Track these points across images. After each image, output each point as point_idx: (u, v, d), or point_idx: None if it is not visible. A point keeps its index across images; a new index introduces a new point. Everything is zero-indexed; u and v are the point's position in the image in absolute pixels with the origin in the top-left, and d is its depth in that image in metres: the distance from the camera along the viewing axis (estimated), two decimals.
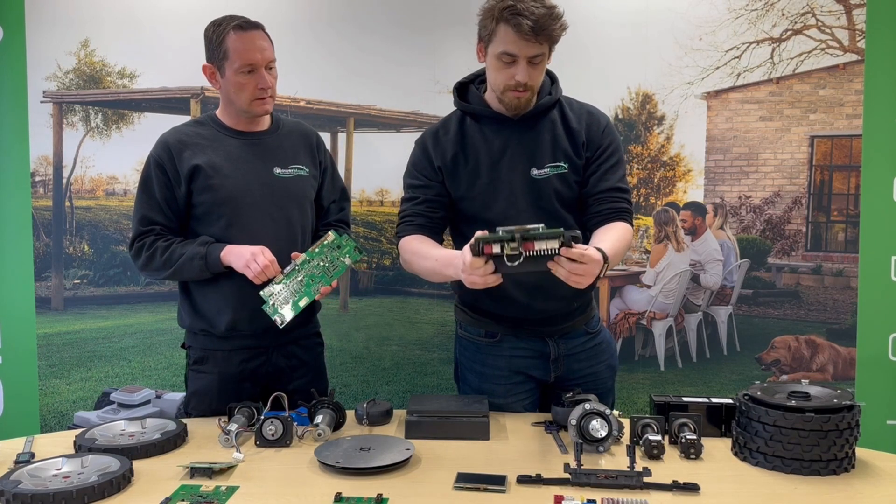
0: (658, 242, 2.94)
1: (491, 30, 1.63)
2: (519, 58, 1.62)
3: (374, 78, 2.90)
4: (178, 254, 1.79)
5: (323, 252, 1.79)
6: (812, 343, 2.90)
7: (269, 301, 1.75)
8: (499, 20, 1.61)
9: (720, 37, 2.82)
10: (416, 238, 1.76)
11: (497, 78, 1.68)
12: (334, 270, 1.79)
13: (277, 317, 1.75)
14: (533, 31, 1.58)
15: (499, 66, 1.66)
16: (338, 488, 1.33)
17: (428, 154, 1.79)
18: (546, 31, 1.60)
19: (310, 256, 1.78)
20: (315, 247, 1.79)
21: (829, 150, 2.85)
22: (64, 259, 2.98)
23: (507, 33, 1.60)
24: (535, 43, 1.60)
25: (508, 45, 1.61)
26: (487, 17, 1.64)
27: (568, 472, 1.37)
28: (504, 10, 1.59)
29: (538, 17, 1.58)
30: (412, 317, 3.00)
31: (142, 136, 2.87)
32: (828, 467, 1.38)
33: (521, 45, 1.61)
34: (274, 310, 1.75)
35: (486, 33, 1.66)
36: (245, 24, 1.79)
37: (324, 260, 1.79)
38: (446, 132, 1.79)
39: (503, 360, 1.84)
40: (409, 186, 1.82)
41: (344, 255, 1.80)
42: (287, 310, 1.75)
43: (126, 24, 2.90)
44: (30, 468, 1.37)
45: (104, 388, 2.97)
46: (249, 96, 1.80)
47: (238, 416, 1.65)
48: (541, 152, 1.74)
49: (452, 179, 1.77)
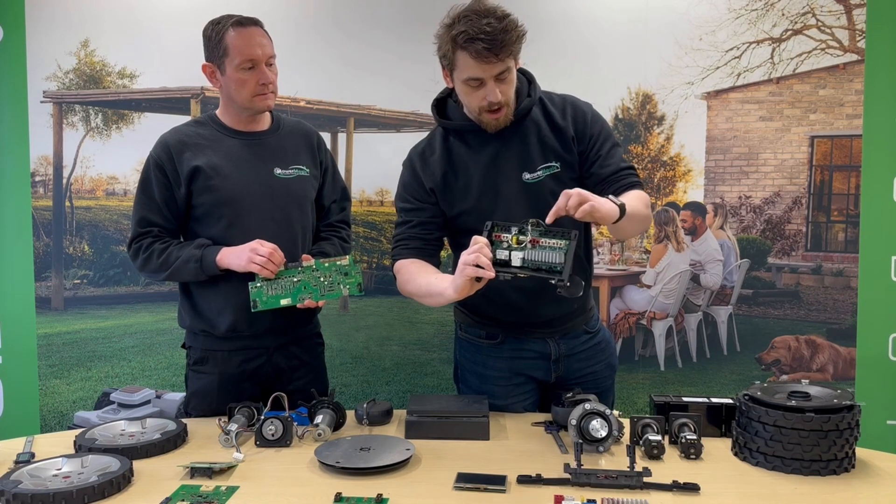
0: (658, 242, 2.94)
1: (451, 58, 1.59)
2: (485, 79, 1.58)
3: (374, 78, 2.89)
4: (175, 256, 1.79)
5: (330, 269, 1.79)
6: (812, 343, 2.90)
7: (258, 282, 1.75)
8: (455, 47, 1.56)
9: (720, 37, 2.82)
10: (412, 262, 1.74)
11: (470, 102, 1.65)
12: (329, 291, 1.78)
13: (256, 299, 1.75)
14: (491, 52, 1.54)
15: (468, 90, 1.62)
16: (338, 488, 1.33)
17: (417, 176, 1.77)
18: (504, 46, 1.55)
19: (317, 266, 1.78)
20: (327, 260, 1.79)
21: (829, 150, 2.85)
22: (64, 259, 2.98)
23: (466, 59, 1.56)
24: (496, 62, 1.56)
25: (471, 70, 1.57)
26: (444, 45, 1.60)
27: (568, 472, 1.37)
28: (458, 37, 1.54)
29: (493, 36, 1.52)
30: (412, 317, 3.00)
31: (142, 136, 2.87)
32: (828, 467, 1.38)
33: (483, 67, 1.56)
34: (258, 291, 1.75)
35: (446, 62, 1.62)
36: (244, 20, 1.79)
37: (326, 277, 1.78)
38: (432, 151, 1.77)
39: (504, 362, 1.84)
40: (402, 210, 1.80)
41: (346, 283, 1.79)
42: (268, 299, 1.75)
43: (126, 24, 2.90)
44: (30, 468, 1.38)
45: (104, 388, 2.97)
46: (251, 92, 1.80)
47: (238, 416, 1.65)
48: (530, 156, 1.72)
49: (445, 199, 1.76)
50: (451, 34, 1.56)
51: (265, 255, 1.72)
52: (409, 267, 1.73)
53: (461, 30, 1.54)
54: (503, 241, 1.52)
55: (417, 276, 1.69)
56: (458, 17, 1.56)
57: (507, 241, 1.52)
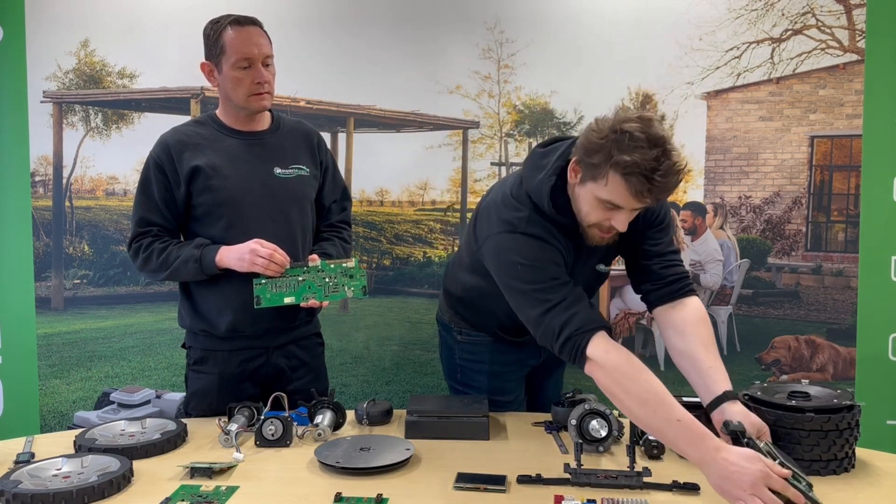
0: None
1: (602, 171, 1.35)
2: (624, 209, 1.40)
3: (374, 78, 2.89)
4: (174, 256, 1.79)
5: (336, 270, 1.79)
6: (812, 343, 2.89)
7: (263, 279, 1.75)
8: (614, 168, 1.33)
9: (720, 37, 2.82)
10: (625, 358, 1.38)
11: (591, 214, 1.44)
12: (332, 292, 1.79)
13: (260, 296, 1.75)
14: (651, 194, 1.34)
15: (598, 206, 1.41)
16: (338, 488, 1.33)
17: (551, 245, 1.51)
18: (667, 191, 1.36)
19: (322, 266, 1.78)
20: (333, 262, 1.79)
21: (829, 150, 2.85)
22: (64, 259, 2.98)
23: (620, 187, 1.34)
24: (650, 202, 1.38)
25: (618, 198, 1.37)
26: (599, 155, 1.35)
27: (568, 472, 1.37)
28: (622, 162, 1.31)
29: (662, 178, 1.31)
30: (412, 317, 2.99)
31: (142, 136, 2.87)
32: (828, 467, 1.38)
33: (632, 202, 1.37)
34: (262, 288, 1.75)
35: (592, 171, 1.38)
36: (242, 19, 1.79)
37: (331, 278, 1.79)
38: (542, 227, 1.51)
39: (512, 355, 1.87)
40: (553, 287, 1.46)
41: (350, 286, 1.79)
42: (271, 296, 1.76)
43: (126, 24, 2.89)
44: (30, 468, 1.38)
45: (104, 388, 2.97)
46: (246, 91, 1.79)
47: (238, 416, 1.65)
48: (608, 252, 1.65)
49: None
50: (611, 153, 1.33)
51: (266, 255, 1.72)
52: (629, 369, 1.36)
53: (627, 158, 1.31)
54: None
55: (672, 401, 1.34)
56: (625, 133, 1.32)
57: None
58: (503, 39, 2.85)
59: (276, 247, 1.74)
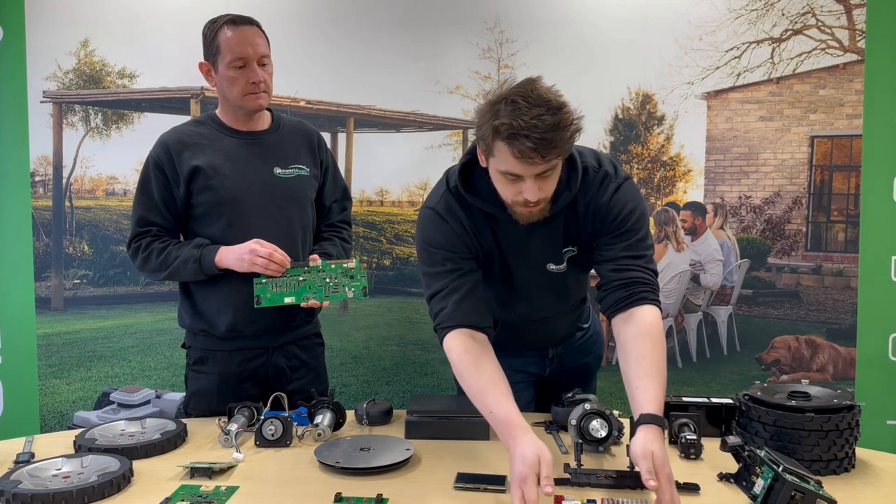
0: (658, 242, 2.94)
1: (489, 143, 1.35)
2: (525, 176, 1.36)
3: (374, 78, 2.89)
4: (174, 256, 1.79)
5: (336, 271, 1.79)
6: (812, 343, 2.89)
7: (263, 278, 1.75)
8: (495, 136, 1.32)
9: (720, 37, 2.82)
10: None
11: (504, 191, 1.43)
12: (333, 293, 1.79)
13: (260, 295, 1.75)
14: (537, 153, 1.29)
15: (503, 181, 1.40)
16: (338, 488, 1.33)
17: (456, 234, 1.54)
18: (554, 147, 1.30)
19: (323, 266, 1.78)
20: (334, 262, 1.79)
21: (829, 150, 2.85)
22: (64, 259, 2.98)
23: (506, 153, 1.32)
24: (541, 163, 1.33)
25: (510, 165, 1.34)
26: (484, 127, 1.35)
27: (568, 472, 1.37)
28: (500, 128, 1.30)
29: (542, 134, 1.28)
30: (412, 317, 2.99)
31: (142, 136, 2.87)
32: (828, 467, 1.38)
33: (524, 167, 1.33)
34: (262, 287, 1.75)
35: (484, 145, 1.38)
36: (238, 19, 1.79)
37: (332, 278, 1.79)
38: (457, 220, 1.54)
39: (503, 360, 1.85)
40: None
41: (351, 286, 1.79)
42: (272, 296, 1.76)
43: (126, 23, 2.89)
44: (30, 468, 1.37)
45: (104, 388, 2.97)
46: (241, 90, 1.79)
47: (238, 417, 1.65)
48: (558, 248, 1.57)
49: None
50: (492, 123, 1.31)
51: (265, 255, 1.72)
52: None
53: (505, 121, 1.29)
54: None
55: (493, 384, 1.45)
56: (504, 100, 1.31)
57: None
58: (503, 39, 2.85)
59: (275, 246, 1.74)
